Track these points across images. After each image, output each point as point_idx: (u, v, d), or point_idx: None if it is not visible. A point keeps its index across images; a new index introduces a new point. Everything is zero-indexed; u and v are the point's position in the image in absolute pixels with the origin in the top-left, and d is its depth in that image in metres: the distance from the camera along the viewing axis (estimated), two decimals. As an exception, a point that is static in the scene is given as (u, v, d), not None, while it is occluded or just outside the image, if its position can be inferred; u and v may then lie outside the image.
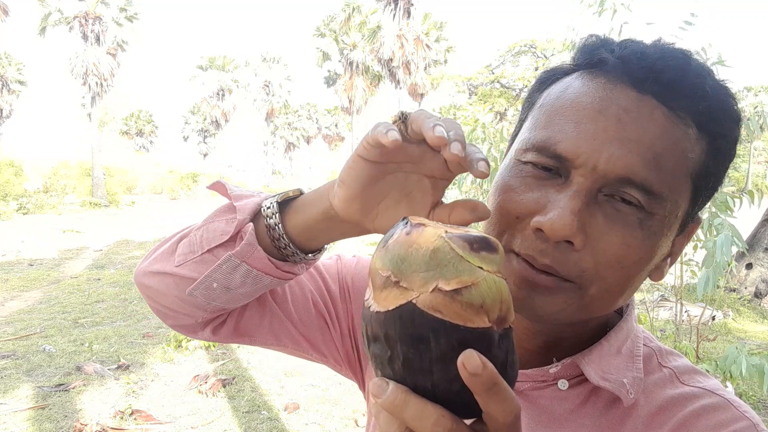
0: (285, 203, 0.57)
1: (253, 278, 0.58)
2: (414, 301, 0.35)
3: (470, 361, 0.32)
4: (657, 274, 0.56)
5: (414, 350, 0.35)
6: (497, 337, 0.35)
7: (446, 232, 0.36)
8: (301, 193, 0.57)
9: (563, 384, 0.58)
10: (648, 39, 0.55)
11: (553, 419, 0.57)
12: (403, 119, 0.47)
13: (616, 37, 0.55)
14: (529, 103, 0.59)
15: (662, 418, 0.55)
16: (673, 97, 0.49)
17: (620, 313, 0.63)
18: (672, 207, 0.50)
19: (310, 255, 0.59)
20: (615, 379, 0.55)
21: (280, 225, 0.55)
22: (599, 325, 0.61)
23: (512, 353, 0.37)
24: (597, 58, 0.53)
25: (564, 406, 0.57)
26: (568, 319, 0.52)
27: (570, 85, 0.54)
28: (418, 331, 0.34)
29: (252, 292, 0.60)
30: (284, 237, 0.56)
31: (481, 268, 0.35)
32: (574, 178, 0.50)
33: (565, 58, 0.65)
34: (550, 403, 0.58)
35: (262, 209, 0.56)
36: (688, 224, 0.55)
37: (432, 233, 0.36)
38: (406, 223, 0.38)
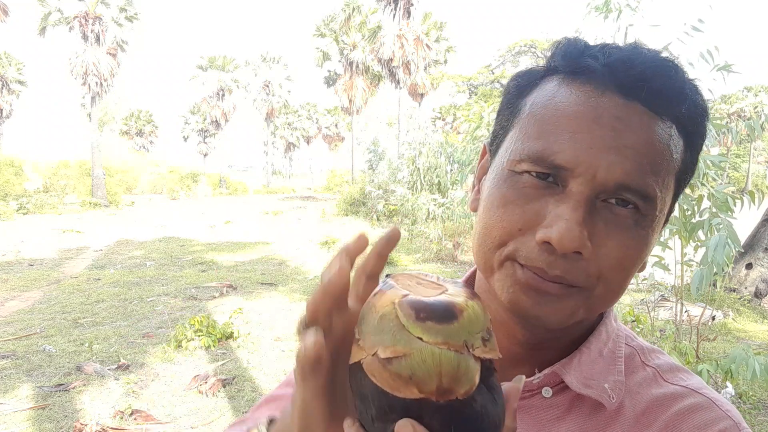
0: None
1: None
2: (361, 362, 0.37)
3: (401, 429, 0.35)
4: (642, 266, 0.58)
5: (362, 405, 0.39)
6: (433, 408, 0.36)
7: (404, 296, 0.37)
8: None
9: (547, 392, 0.59)
10: (652, 41, 0.55)
11: (541, 427, 0.58)
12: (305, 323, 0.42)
13: (622, 40, 0.56)
14: (511, 111, 0.58)
15: (647, 420, 0.56)
16: (660, 102, 0.51)
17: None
18: (661, 206, 0.53)
19: None
20: (596, 385, 0.57)
21: None
22: (582, 328, 0.61)
23: (461, 425, 0.37)
24: (582, 65, 0.53)
25: (550, 413, 0.58)
26: (574, 321, 0.54)
27: (556, 92, 0.53)
28: (362, 390, 0.38)
29: None
30: None
31: (421, 338, 0.36)
32: (573, 187, 0.50)
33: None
34: (536, 412, 0.59)
35: None
36: (669, 214, 0.58)
37: (388, 298, 0.38)
38: (384, 282, 0.40)
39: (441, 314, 0.37)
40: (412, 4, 27.44)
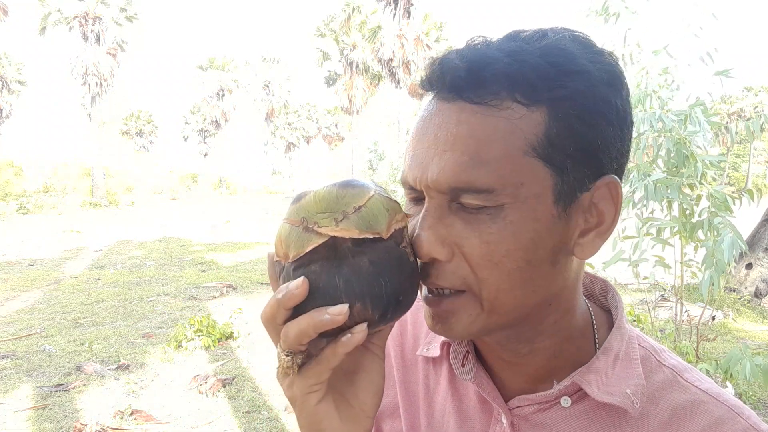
0: None
1: None
2: None
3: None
4: (579, 250, 0.53)
5: None
6: (281, 267, 0.49)
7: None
8: None
9: (566, 401, 0.57)
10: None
11: None
12: (292, 353, 0.54)
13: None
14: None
15: (675, 428, 0.55)
16: (475, 93, 0.49)
17: (606, 309, 0.63)
18: (521, 189, 0.49)
19: None
20: (618, 392, 0.55)
21: None
22: (557, 325, 0.58)
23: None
24: (420, 86, 0.56)
25: (572, 424, 0.57)
26: (484, 329, 0.53)
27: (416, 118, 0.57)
28: None
29: None
30: None
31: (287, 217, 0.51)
32: (425, 198, 0.52)
33: None
34: (556, 424, 0.57)
35: None
36: (578, 192, 0.51)
37: None
38: None
39: (295, 198, 0.49)
40: (412, 4, 27.43)
